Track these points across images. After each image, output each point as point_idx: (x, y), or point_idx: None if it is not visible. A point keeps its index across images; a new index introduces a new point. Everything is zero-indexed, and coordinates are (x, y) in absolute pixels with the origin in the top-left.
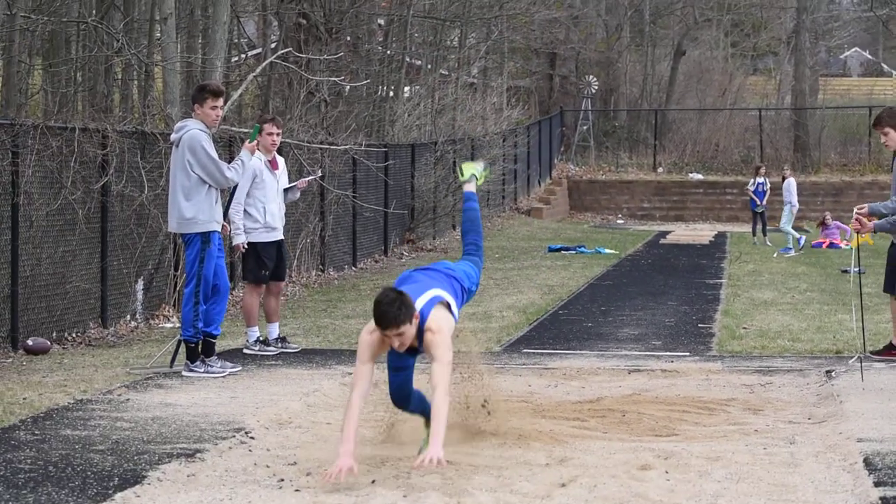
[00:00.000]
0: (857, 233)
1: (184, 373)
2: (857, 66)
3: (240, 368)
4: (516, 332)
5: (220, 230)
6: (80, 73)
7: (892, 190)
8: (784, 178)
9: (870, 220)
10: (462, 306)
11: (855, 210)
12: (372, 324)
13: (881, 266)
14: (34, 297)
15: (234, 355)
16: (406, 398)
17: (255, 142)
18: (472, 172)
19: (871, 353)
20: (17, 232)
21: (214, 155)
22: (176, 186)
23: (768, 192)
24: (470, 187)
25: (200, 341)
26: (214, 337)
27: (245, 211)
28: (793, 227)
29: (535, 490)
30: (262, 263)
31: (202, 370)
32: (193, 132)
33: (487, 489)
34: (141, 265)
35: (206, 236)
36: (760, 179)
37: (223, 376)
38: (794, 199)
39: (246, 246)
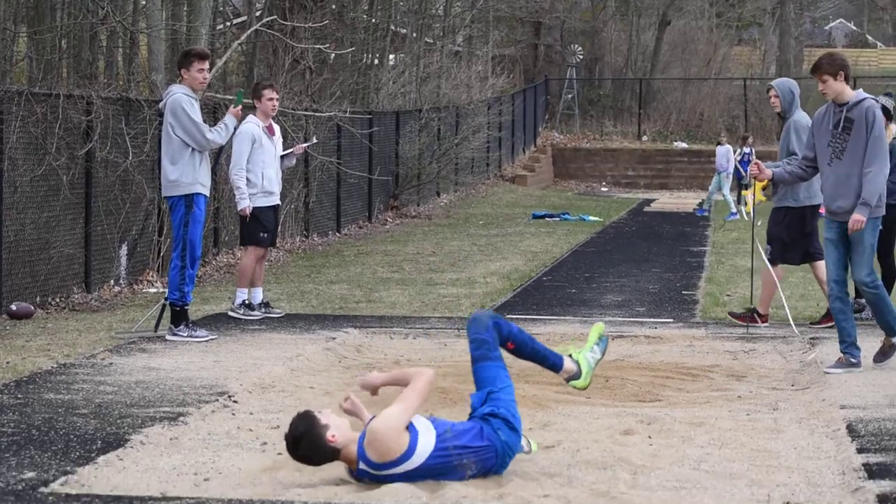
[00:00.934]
0: (755, 178)
1: (168, 337)
2: (841, 37)
3: (214, 337)
4: (500, 297)
5: (206, 193)
6: (64, 40)
7: (778, 156)
8: (719, 144)
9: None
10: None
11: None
12: None
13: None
14: (18, 262)
15: (218, 319)
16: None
17: (240, 107)
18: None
19: (730, 314)
20: (2, 197)
21: (196, 117)
22: (162, 151)
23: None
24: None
25: (186, 306)
26: (186, 304)
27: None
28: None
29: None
30: (263, 226)
31: (186, 335)
32: (177, 96)
33: None
34: (125, 231)
35: (189, 199)
36: (747, 149)
37: (205, 341)
38: (729, 166)
39: (250, 210)
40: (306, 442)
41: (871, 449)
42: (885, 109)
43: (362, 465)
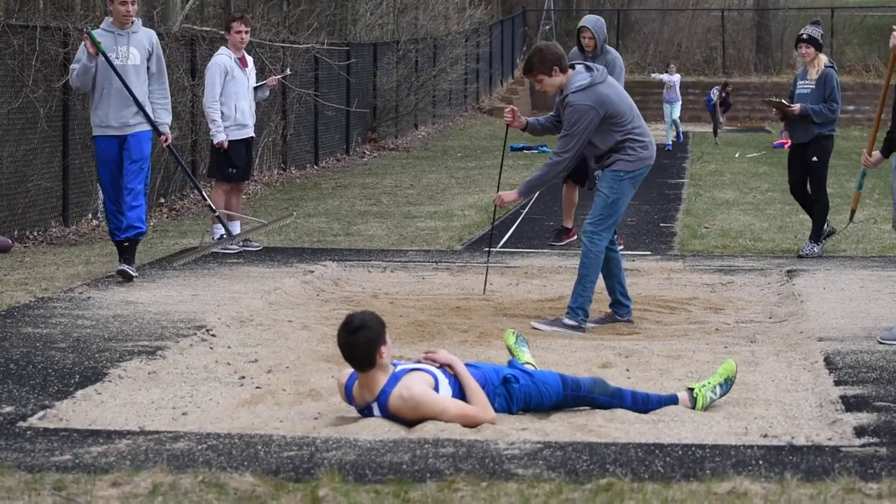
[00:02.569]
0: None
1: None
2: None
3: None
4: (478, 230)
5: (112, 135)
6: None
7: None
8: (667, 73)
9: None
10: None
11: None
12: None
13: (844, 167)
14: None
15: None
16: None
17: (96, 44)
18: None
19: (551, 244)
20: None
21: (81, 56)
22: None
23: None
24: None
25: (119, 241)
26: (129, 240)
27: None
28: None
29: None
30: (231, 161)
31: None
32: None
33: None
34: None
35: (92, 140)
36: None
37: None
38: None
39: (227, 143)
40: (365, 336)
41: (848, 381)
42: (813, 39)
43: (375, 405)
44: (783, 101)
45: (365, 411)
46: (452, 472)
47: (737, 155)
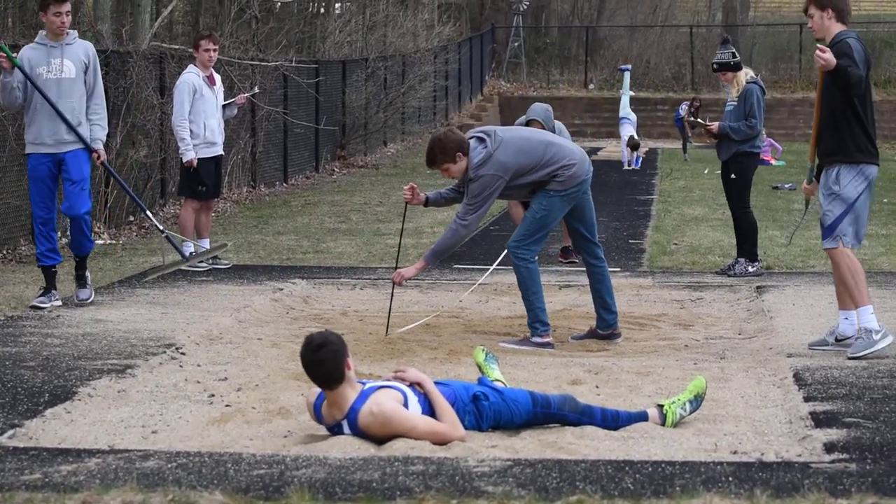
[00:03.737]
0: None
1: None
2: None
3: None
4: None
5: (46, 152)
6: None
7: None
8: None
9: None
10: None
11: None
12: None
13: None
14: None
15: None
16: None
17: (10, 58)
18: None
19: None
20: None
21: (4, 77)
22: None
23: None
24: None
25: (47, 266)
26: (80, 257)
27: None
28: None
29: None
30: (200, 179)
31: (43, 300)
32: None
33: None
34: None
35: (25, 158)
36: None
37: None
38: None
39: (196, 161)
40: (330, 351)
41: (817, 397)
42: (723, 64)
43: (345, 423)
44: (699, 120)
45: (335, 429)
46: (422, 489)
47: (706, 171)
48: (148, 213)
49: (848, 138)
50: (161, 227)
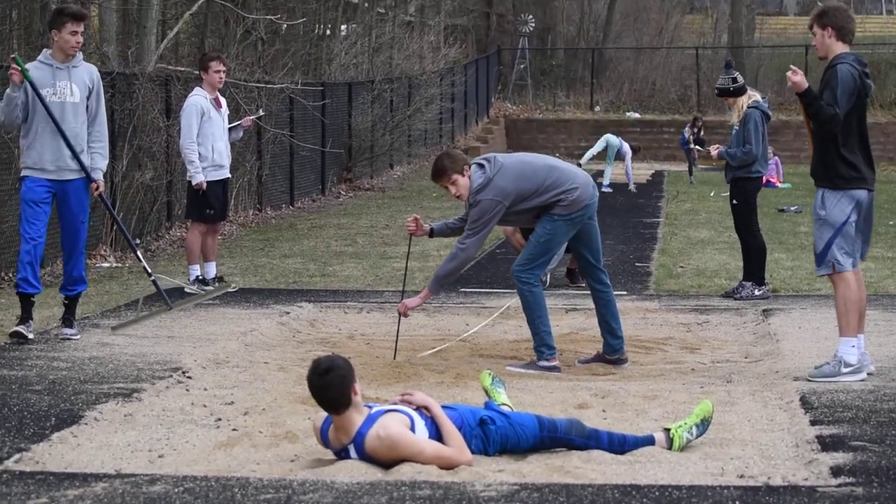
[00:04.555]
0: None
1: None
2: (793, 5)
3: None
4: None
5: (47, 178)
6: (15, 11)
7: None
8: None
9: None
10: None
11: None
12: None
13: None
14: None
15: (171, 295)
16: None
17: (24, 71)
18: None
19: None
20: None
21: (11, 91)
22: None
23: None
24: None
25: (26, 294)
26: (70, 298)
27: None
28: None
29: None
30: (208, 202)
31: (24, 329)
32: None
33: None
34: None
35: (20, 181)
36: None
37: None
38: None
39: (205, 185)
40: (336, 376)
41: (824, 421)
42: (723, 90)
43: (352, 447)
44: (699, 147)
45: (341, 454)
46: None
47: (712, 194)
48: (138, 253)
49: (829, 165)
50: (149, 271)
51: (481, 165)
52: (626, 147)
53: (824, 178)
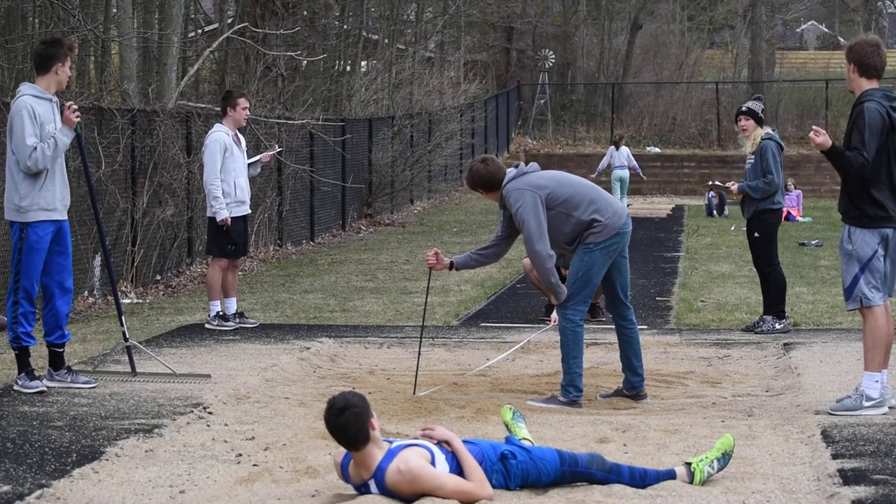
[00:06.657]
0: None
1: (15, 387)
2: (813, 40)
3: (95, 384)
4: (474, 305)
5: (51, 219)
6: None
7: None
8: (617, 146)
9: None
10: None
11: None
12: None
13: (836, 239)
14: None
15: (192, 330)
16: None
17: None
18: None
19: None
20: None
21: (30, 128)
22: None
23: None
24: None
25: (25, 348)
26: (59, 346)
27: None
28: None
29: None
30: (230, 238)
31: (24, 383)
32: (22, 98)
33: None
34: (98, 241)
35: (24, 226)
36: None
37: (91, 387)
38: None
39: (230, 221)
40: (352, 413)
41: (845, 454)
42: (752, 112)
43: (372, 482)
44: (717, 182)
45: (362, 489)
46: None
47: (732, 228)
48: (122, 318)
49: (856, 204)
50: (127, 336)
51: (517, 166)
52: (626, 151)
53: (850, 215)
